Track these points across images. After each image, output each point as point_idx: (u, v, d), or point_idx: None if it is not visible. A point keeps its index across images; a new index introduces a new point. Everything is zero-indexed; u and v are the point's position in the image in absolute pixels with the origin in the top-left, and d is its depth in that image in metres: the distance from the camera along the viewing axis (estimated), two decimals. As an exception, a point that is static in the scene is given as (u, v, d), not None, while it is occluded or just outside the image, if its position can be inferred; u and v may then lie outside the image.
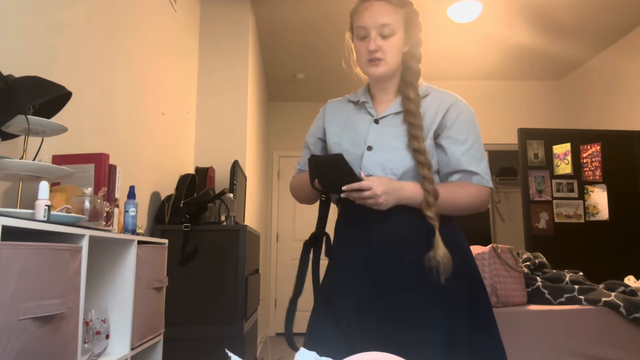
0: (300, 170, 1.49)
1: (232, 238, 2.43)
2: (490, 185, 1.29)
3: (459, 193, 1.26)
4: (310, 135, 1.50)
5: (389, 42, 1.28)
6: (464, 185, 1.28)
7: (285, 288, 5.67)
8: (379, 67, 1.30)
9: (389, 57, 1.29)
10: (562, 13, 3.95)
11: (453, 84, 5.22)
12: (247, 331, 2.50)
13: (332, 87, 5.27)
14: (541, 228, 3.68)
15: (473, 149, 1.29)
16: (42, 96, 1.22)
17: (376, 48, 1.28)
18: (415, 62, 1.34)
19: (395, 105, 1.34)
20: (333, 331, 1.24)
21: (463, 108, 1.32)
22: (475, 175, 1.27)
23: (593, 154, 3.79)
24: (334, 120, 1.42)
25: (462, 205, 1.26)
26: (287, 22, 4.09)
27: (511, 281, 2.20)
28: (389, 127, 1.31)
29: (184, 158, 3.19)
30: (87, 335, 1.31)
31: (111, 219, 1.57)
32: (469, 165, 1.27)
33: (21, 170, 1.16)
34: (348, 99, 1.45)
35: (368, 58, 1.30)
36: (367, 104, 1.37)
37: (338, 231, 1.36)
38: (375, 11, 1.28)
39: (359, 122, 1.36)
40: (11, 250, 0.86)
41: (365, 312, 1.20)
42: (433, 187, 1.21)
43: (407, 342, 1.15)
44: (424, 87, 1.35)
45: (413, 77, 1.33)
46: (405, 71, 1.34)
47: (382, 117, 1.33)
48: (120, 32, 2.13)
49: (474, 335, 1.21)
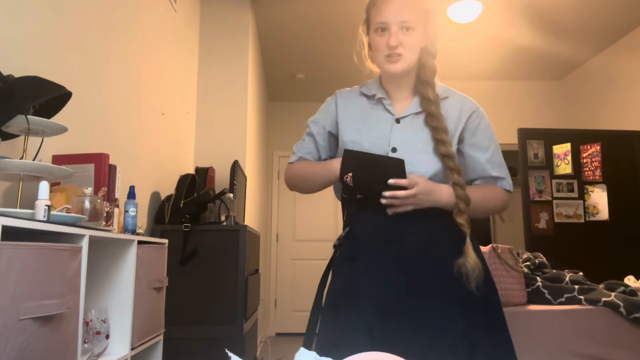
0: (302, 158, 1.42)
1: (232, 238, 2.43)
2: (511, 188, 1.33)
3: (487, 196, 1.29)
4: (316, 125, 1.41)
5: (409, 38, 1.26)
6: (492, 188, 1.31)
7: (285, 288, 5.67)
8: (398, 64, 1.26)
9: (408, 53, 1.26)
10: (562, 13, 3.95)
11: (453, 84, 5.16)
12: (247, 331, 2.50)
13: (332, 87, 5.26)
14: (541, 228, 3.68)
15: (495, 154, 1.32)
16: (42, 96, 1.22)
17: (397, 44, 1.24)
18: (431, 59, 1.32)
19: (414, 105, 1.31)
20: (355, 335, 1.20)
21: (483, 115, 1.34)
22: (501, 179, 1.31)
23: (593, 154, 3.79)
24: (349, 115, 1.37)
25: (490, 208, 1.30)
26: (287, 22, 4.09)
27: (511, 281, 2.20)
28: (410, 128, 1.29)
29: (184, 158, 3.19)
30: (87, 335, 1.31)
31: (111, 219, 1.57)
32: (494, 171, 1.30)
33: (21, 170, 1.16)
34: (361, 92, 1.40)
35: (387, 53, 1.26)
36: (385, 101, 1.34)
37: (357, 231, 1.31)
38: (397, 6, 1.25)
39: (378, 120, 1.32)
40: (11, 250, 0.86)
41: (387, 314, 1.18)
42: (465, 194, 1.21)
43: (429, 344, 1.13)
44: (442, 88, 1.34)
45: (430, 76, 1.31)
46: (421, 69, 1.32)
47: (402, 117, 1.31)
48: (121, 33, 2.13)
49: (490, 339, 1.20)
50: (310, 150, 1.41)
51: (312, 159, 1.41)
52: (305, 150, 1.42)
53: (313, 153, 1.41)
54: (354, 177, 1.22)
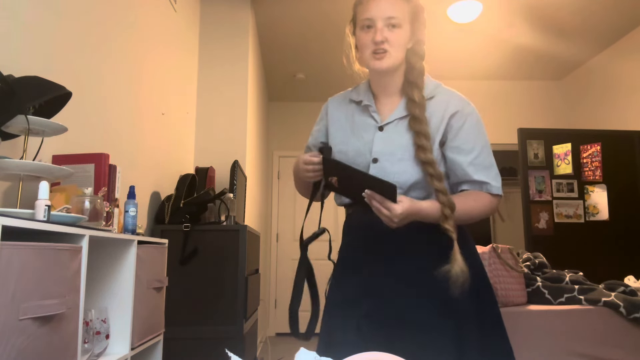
0: None
1: (232, 238, 2.43)
2: (500, 192, 1.26)
3: (471, 205, 1.23)
4: (313, 137, 1.46)
5: (395, 34, 1.24)
6: (476, 196, 1.25)
7: (285, 288, 5.67)
8: (384, 61, 1.25)
9: (394, 50, 1.25)
10: (562, 13, 3.95)
11: (453, 84, 5.19)
12: (247, 331, 2.50)
13: (332, 87, 5.26)
14: (541, 228, 3.68)
15: (480, 156, 1.25)
16: (42, 96, 1.22)
17: (382, 39, 1.23)
18: (419, 60, 1.30)
19: (399, 109, 1.29)
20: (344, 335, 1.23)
21: (469, 114, 1.27)
22: (485, 184, 1.25)
23: (593, 154, 3.79)
24: (338, 124, 1.38)
25: (475, 216, 1.24)
26: (287, 22, 4.09)
27: (511, 281, 2.20)
28: (394, 134, 1.27)
29: (184, 158, 3.19)
30: (87, 335, 1.31)
31: (111, 219, 1.57)
32: (476, 175, 1.24)
33: (21, 170, 1.16)
34: (350, 99, 1.40)
35: (373, 49, 1.25)
36: (371, 107, 1.33)
37: (347, 234, 1.35)
38: (382, 3, 1.25)
39: (363, 128, 1.32)
40: (11, 250, 0.86)
41: (375, 315, 1.20)
42: (448, 199, 1.17)
43: (418, 343, 1.14)
44: (431, 86, 1.31)
45: (417, 77, 1.28)
46: (409, 70, 1.30)
47: (386, 124, 1.29)
48: (121, 33, 2.13)
49: (483, 336, 1.20)
50: None
51: None
52: None
53: None
54: (340, 183, 1.20)
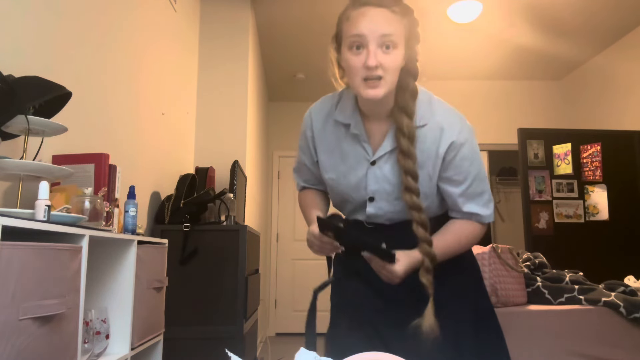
0: (305, 187, 1.42)
1: (232, 238, 2.43)
2: (489, 220, 1.23)
3: (457, 239, 1.21)
4: (304, 154, 1.35)
5: (390, 57, 1.07)
6: (466, 226, 1.22)
7: (285, 288, 5.67)
8: (378, 89, 1.08)
9: (389, 75, 1.08)
10: (562, 13, 3.95)
11: (453, 84, 5.22)
12: (247, 331, 2.50)
13: (332, 87, 5.26)
14: (541, 228, 3.68)
15: (472, 187, 1.19)
16: (42, 96, 1.22)
17: (376, 64, 1.05)
18: (412, 81, 1.16)
19: (388, 140, 1.18)
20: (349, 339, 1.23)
21: (462, 144, 1.16)
22: (474, 215, 1.21)
23: (593, 154, 3.79)
24: (325, 146, 1.27)
25: (463, 249, 1.23)
26: (287, 22, 4.09)
27: (511, 281, 2.20)
28: (387, 169, 1.19)
29: (184, 158, 3.20)
30: (87, 335, 1.31)
31: (111, 219, 1.57)
32: (466, 206, 1.20)
33: (21, 170, 1.16)
34: (335, 119, 1.26)
35: (364, 76, 1.08)
36: (361, 137, 1.21)
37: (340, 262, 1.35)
38: (375, 19, 1.06)
39: (354, 158, 1.22)
40: (11, 250, 0.86)
41: (380, 323, 1.21)
42: (431, 251, 1.12)
43: (418, 345, 1.14)
44: (422, 109, 1.17)
45: (408, 101, 1.14)
46: (400, 92, 1.15)
47: (378, 158, 1.20)
48: (120, 32, 2.13)
49: (479, 340, 1.21)
50: (307, 177, 1.40)
51: (314, 184, 1.41)
52: (303, 178, 1.42)
53: (312, 180, 1.40)
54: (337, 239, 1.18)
